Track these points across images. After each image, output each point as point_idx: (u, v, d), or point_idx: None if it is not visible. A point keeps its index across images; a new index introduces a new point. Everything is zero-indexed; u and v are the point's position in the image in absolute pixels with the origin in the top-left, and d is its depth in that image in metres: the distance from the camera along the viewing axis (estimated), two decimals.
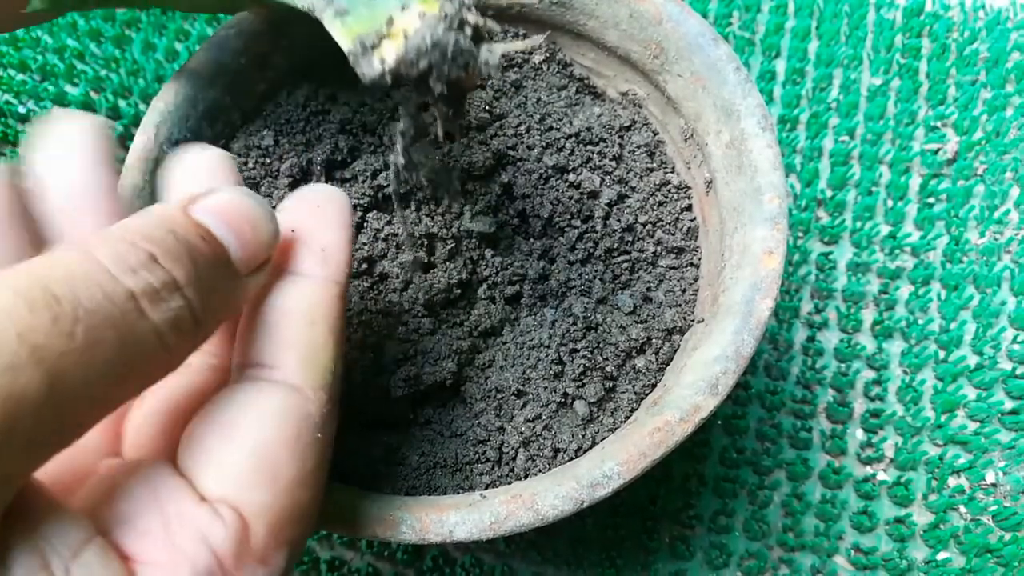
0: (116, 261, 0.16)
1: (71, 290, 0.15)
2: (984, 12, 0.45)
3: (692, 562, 0.37)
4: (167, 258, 0.17)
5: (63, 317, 0.15)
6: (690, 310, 0.30)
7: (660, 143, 0.32)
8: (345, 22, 0.22)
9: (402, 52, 0.20)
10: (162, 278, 0.17)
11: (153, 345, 0.17)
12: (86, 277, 0.16)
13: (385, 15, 0.21)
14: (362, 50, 0.21)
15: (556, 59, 0.33)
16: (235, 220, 0.19)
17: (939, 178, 0.42)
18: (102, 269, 0.16)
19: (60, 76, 0.45)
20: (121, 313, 0.16)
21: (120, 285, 0.16)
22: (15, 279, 0.15)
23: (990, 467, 0.37)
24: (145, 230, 0.17)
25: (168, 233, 0.18)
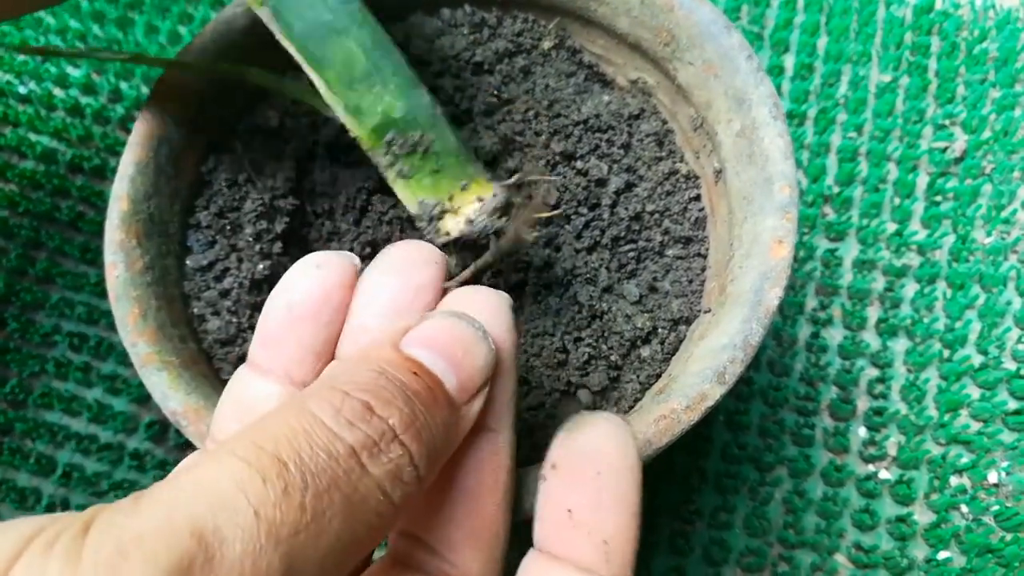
0: (333, 416, 0.16)
1: (296, 453, 0.14)
2: (994, 11, 0.45)
3: (691, 558, 0.36)
4: (381, 405, 0.16)
5: (294, 487, 0.14)
6: (697, 300, 0.29)
7: (669, 132, 0.32)
8: (408, 184, 0.25)
9: (465, 232, 0.25)
10: (379, 428, 0.16)
11: (378, 502, 0.16)
12: (308, 436, 0.15)
13: (447, 190, 0.25)
14: (428, 220, 0.25)
15: (565, 46, 0.33)
16: (447, 348, 0.18)
17: (947, 176, 0.42)
18: (321, 425, 0.15)
19: (62, 57, 0.45)
20: (345, 473, 0.15)
21: (341, 442, 0.15)
22: (242, 447, 0.14)
23: (992, 467, 0.37)
24: (356, 376, 0.17)
25: (380, 376, 0.17)
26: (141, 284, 0.26)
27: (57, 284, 0.40)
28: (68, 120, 0.43)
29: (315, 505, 0.14)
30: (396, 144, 0.25)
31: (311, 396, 0.16)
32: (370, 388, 0.16)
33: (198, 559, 0.13)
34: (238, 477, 0.14)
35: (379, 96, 0.24)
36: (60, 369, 0.39)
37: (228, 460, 0.14)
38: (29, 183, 0.42)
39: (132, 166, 0.27)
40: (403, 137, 0.25)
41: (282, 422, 0.15)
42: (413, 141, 0.25)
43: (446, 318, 0.19)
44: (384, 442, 0.16)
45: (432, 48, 0.32)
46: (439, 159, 0.25)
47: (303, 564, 0.14)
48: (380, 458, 0.16)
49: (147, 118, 0.28)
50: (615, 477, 0.19)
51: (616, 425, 0.20)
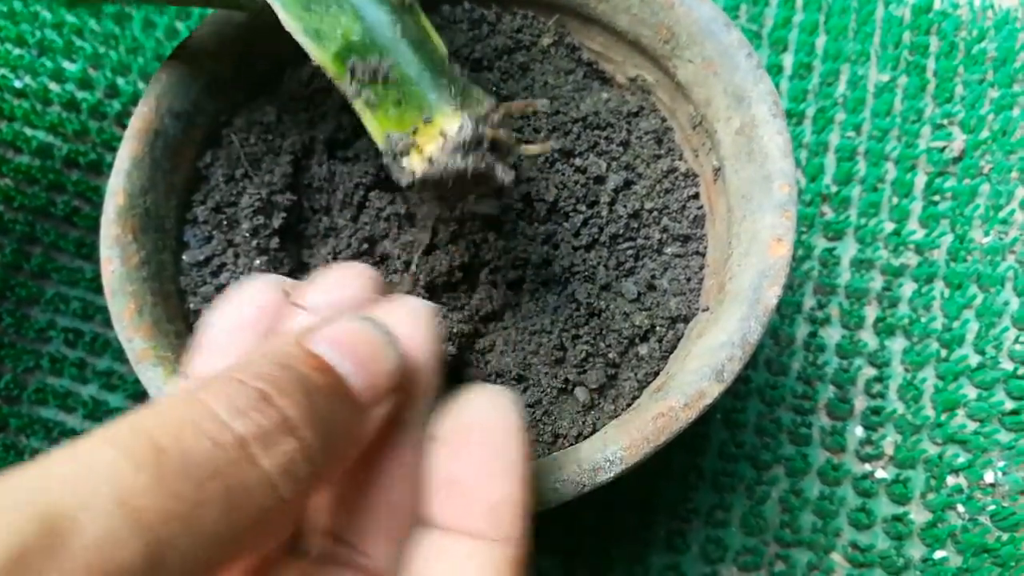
0: (226, 404, 0.15)
1: (177, 440, 0.14)
2: (992, 11, 0.45)
3: (687, 555, 0.36)
4: (280, 396, 0.16)
5: (169, 474, 0.13)
6: (695, 298, 0.29)
7: (668, 130, 0.32)
8: (375, 114, 0.23)
9: (428, 174, 0.22)
10: (275, 418, 0.15)
11: (265, 496, 0.15)
12: (192, 424, 0.14)
13: (411, 123, 0.22)
14: (392, 156, 0.23)
15: (564, 43, 0.33)
16: (353, 348, 0.18)
17: (945, 176, 0.42)
18: (210, 414, 0.15)
19: (58, 52, 0.44)
20: (229, 462, 0.14)
21: (229, 431, 0.15)
22: (118, 432, 0.14)
23: (989, 467, 0.37)
24: (256, 367, 0.16)
25: (280, 368, 0.16)
26: (137, 279, 0.26)
27: (52, 279, 0.40)
28: (64, 115, 0.43)
29: (193, 495, 0.14)
30: (359, 71, 0.22)
31: (205, 386, 0.15)
32: (269, 378, 0.16)
33: (40, 546, 0.12)
34: (107, 461, 0.13)
35: (336, 17, 0.22)
36: (55, 365, 0.39)
37: (101, 444, 0.14)
38: (24, 178, 0.41)
39: (128, 161, 0.27)
40: (364, 63, 0.22)
41: (169, 409, 0.15)
42: (373, 67, 0.22)
43: (353, 320, 0.18)
44: (279, 433, 0.15)
45: None
46: (400, 87, 0.22)
47: (172, 555, 0.13)
48: (273, 450, 0.15)
49: (143, 113, 0.28)
50: (497, 444, 0.19)
51: (496, 394, 0.20)
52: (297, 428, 0.16)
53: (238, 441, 0.15)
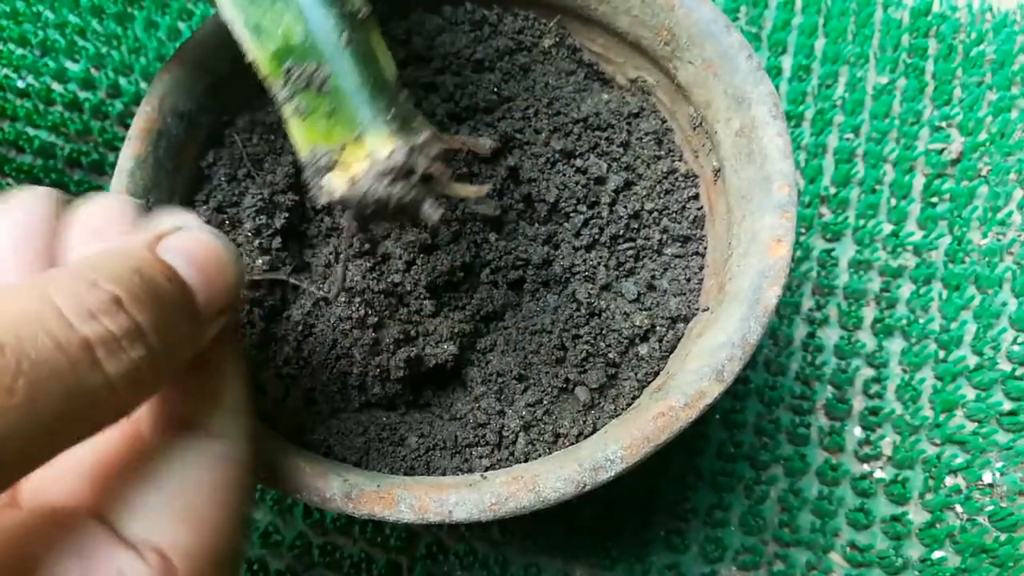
0: (75, 304, 0.15)
1: (17, 338, 0.14)
2: (991, 14, 0.45)
3: (687, 555, 0.36)
4: (132, 302, 0.16)
5: (4, 370, 0.13)
6: (695, 299, 0.30)
7: (668, 131, 0.32)
8: (303, 124, 0.21)
9: (347, 195, 0.21)
10: (125, 326, 0.16)
11: (103, 398, 0.15)
12: (38, 322, 0.14)
13: (339, 137, 0.21)
14: (314, 171, 0.21)
15: (565, 44, 0.33)
16: (202, 261, 0.18)
17: (943, 178, 0.42)
18: (56, 314, 0.15)
19: (61, 52, 0.45)
20: (71, 365, 0.14)
21: (75, 333, 0.15)
22: None
23: (987, 467, 0.37)
24: (109, 268, 0.16)
25: (134, 273, 0.16)
26: None
27: None
28: (66, 115, 0.43)
29: (27, 392, 0.14)
30: (294, 74, 0.21)
31: (54, 281, 0.15)
32: (123, 282, 0.16)
33: None
34: None
35: (280, 14, 0.21)
36: None
37: None
38: (27, 177, 0.42)
39: (131, 160, 0.27)
40: (300, 67, 0.21)
41: (13, 301, 0.15)
42: (310, 73, 0.21)
43: (204, 233, 0.19)
44: (127, 340, 0.16)
45: (433, 45, 0.32)
46: (335, 98, 0.21)
47: (9, 445, 0.14)
48: (119, 356, 0.15)
49: (146, 112, 0.28)
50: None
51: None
52: (145, 336, 0.16)
53: (83, 344, 0.15)
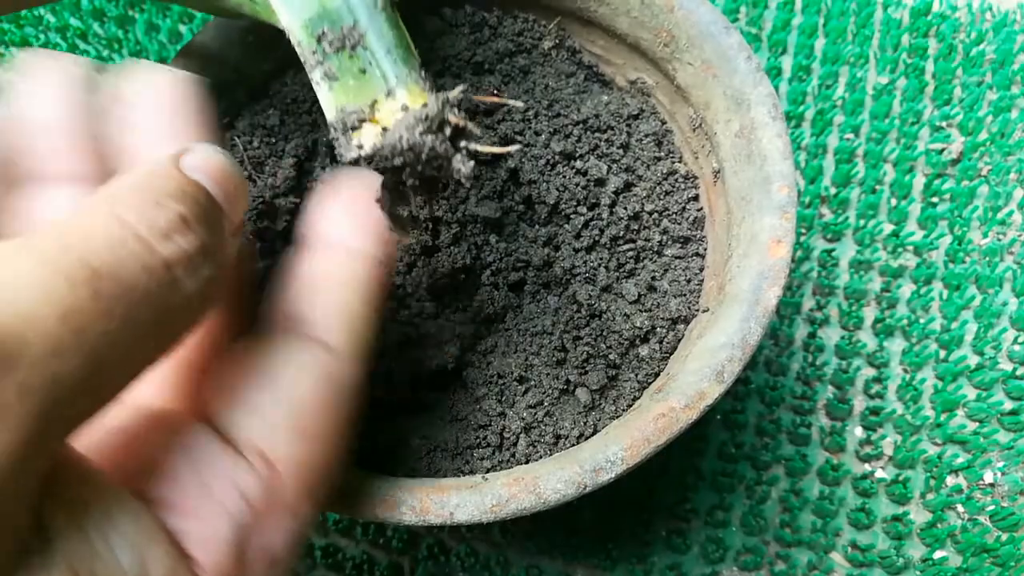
0: (149, 225, 0.15)
1: (109, 263, 0.14)
2: (991, 14, 0.45)
3: (688, 555, 0.36)
4: (196, 220, 0.16)
5: (103, 294, 0.14)
6: (695, 300, 0.30)
7: (668, 132, 0.32)
8: (332, 87, 0.21)
9: (378, 146, 0.20)
10: (196, 243, 0.16)
11: (184, 314, 0.16)
12: (123, 247, 0.15)
13: (371, 95, 0.21)
14: (343, 128, 0.21)
15: (565, 46, 0.33)
16: (224, 181, 0.19)
17: (943, 178, 0.42)
18: (136, 236, 0.15)
19: None
20: (159, 285, 0.15)
21: (156, 255, 0.15)
22: (50, 250, 0.14)
23: (988, 467, 0.37)
24: (162, 188, 0.17)
25: (183, 192, 0.17)
26: None
27: None
28: None
29: (125, 313, 0.14)
30: (327, 39, 0.21)
31: (120, 201, 0.16)
32: (180, 198, 0.16)
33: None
34: (43, 279, 0.14)
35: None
36: None
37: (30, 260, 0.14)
38: None
39: None
40: (335, 31, 0.21)
41: (94, 227, 0.15)
42: (343, 34, 0.21)
43: (217, 152, 0.19)
44: (200, 257, 0.16)
45: (433, 48, 0.32)
46: (368, 57, 0.21)
47: (110, 366, 0.14)
48: (196, 274, 0.16)
49: None
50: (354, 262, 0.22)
51: None
52: (213, 254, 0.17)
53: (165, 264, 0.15)
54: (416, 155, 0.20)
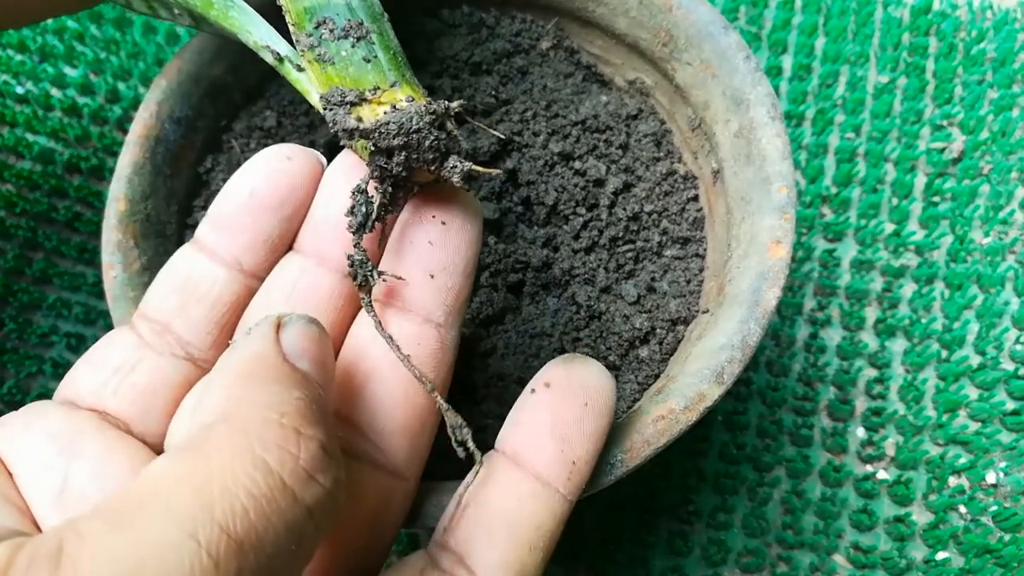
0: (293, 470, 0.15)
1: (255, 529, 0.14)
2: (992, 12, 0.45)
3: (690, 558, 0.36)
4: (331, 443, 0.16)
5: (245, 569, 0.13)
6: (695, 300, 0.29)
7: (667, 132, 0.32)
8: (326, 69, 0.21)
9: (384, 121, 0.20)
10: (333, 476, 0.16)
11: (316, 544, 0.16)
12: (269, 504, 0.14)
13: (372, 82, 0.21)
14: (339, 100, 0.21)
15: (563, 46, 0.33)
16: (320, 358, 0.18)
17: (944, 177, 0.42)
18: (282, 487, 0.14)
19: (59, 57, 0.45)
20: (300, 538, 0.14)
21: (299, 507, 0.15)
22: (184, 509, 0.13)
23: (991, 467, 0.37)
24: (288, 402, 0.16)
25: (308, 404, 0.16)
26: (139, 285, 0.26)
27: (54, 284, 0.40)
28: (65, 120, 0.43)
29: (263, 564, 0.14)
30: (327, 27, 0.21)
31: (256, 435, 0.15)
32: (311, 419, 0.16)
33: None
34: (184, 557, 0.13)
35: None
36: (58, 370, 0.39)
37: (172, 530, 0.13)
38: (26, 183, 0.42)
39: (129, 167, 0.27)
40: (337, 22, 0.21)
41: (233, 477, 0.14)
42: (351, 26, 0.21)
43: (310, 326, 0.18)
44: (336, 489, 0.16)
45: (431, 48, 0.32)
46: (373, 51, 0.21)
47: None
48: (331, 509, 0.15)
49: (144, 118, 0.28)
50: (599, 411, 0.20)
51: (606, 371, 0.22)
52: (341, 470, 0.16)
53: (307, 513, 0.15)
54: (419, 140, 0.20)
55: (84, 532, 0.13)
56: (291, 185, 0.21)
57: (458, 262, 0.21)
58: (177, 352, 0.21)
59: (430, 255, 0.21)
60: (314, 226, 0.21)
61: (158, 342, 0.21)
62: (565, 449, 0.20)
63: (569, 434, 0.20)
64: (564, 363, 0.21)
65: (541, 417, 0.20)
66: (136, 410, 0.20)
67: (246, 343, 0.18)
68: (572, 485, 0.20)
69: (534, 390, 0.21)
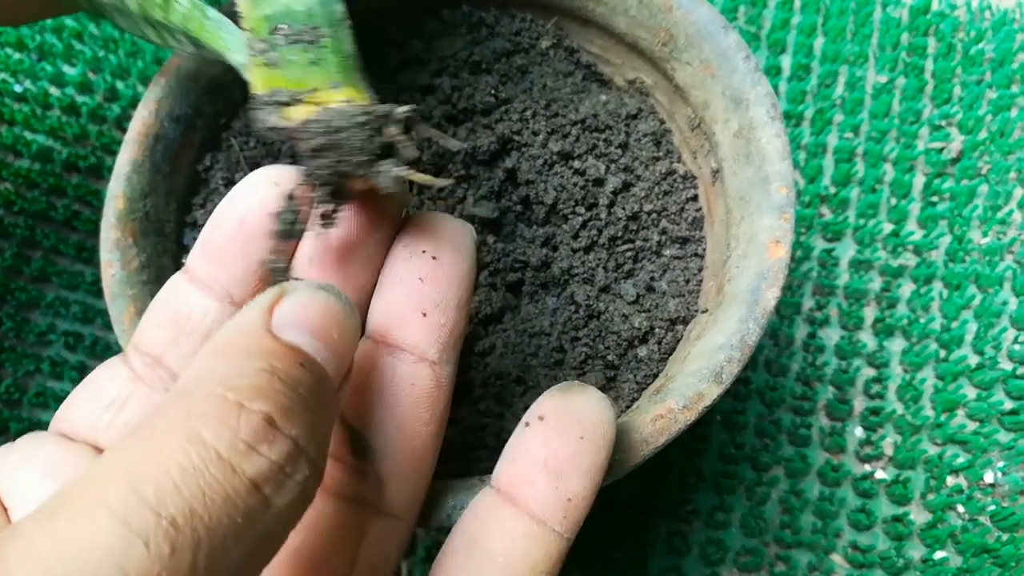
0: (229, 440, 0.14)
1: (187, 504, 0.13)
2: (990, 12, 0.45)
3: (688, 557, 0.36)
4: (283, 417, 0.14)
5: (183, 548, 0.12)
6: (694, 300, 0.29)
7: (666, 132, 0.32)
8: (271, 72, 0.21)
9: (312, 119, 0.19)
10: (285, 450, 0.14)
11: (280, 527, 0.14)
12: (201, 476, 0.13)
13: (314, 83, 0.20)
14: (270, 100, 0.20)
15: (563, 45, 0.33)
16: (323, 328, 0.17)
17: (943, 177, 0.42)
18: (215, 458, 0.13)
19: (58, 56, 0.45)
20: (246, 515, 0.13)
21: (239, 478, 0.13)
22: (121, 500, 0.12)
23: (989, 467, 0.37)
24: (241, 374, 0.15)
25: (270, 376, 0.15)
26: (137, 283, 0.26)
27: (52, 283, 0.40)
28: (64, 119, 0.43)
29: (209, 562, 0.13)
30: (282, 31, 0.20)
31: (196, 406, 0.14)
32: (265, 393, 0.14)
33: None
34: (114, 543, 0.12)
35: None
36: (55, 368, 0.39)
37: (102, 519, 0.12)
38: (24, 182, 0.42)
39: (128, 165, 0.27)
40: (293, 29, 0.20)
41: (166, 455, 0.13)
42: (305, 30, 0.20)
43: (316, 292, 0.17)
44: (290, 466, 0.14)
45: (430, 48, 0.32)
46: (322, 53, 0.20)
47: None
48: (286, 485, 0.14)
49: (143, 116, 0.28)
50: (596, 445, 0.20)
51: (606, 400, 0.21)
52: (304, 450, 0.15)
53: (251, 487, 0.13)
54: (343, 141, 0.19)
55: (18, 531, 0.12)
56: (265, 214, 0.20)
57: (451, 297, 0.21)
58: (169, 386, 0.20)
59: (421, 292, 0.20)
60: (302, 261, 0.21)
61: (150, 375, 0.20)
62: (560, 486, 0.19)
63: (564, 469, 0.19)
64: (559, 393, 0.21)
65: (535, 452, 0.19)
66: None
67: (240, 314, 0.17)
68: (569, 523, 0.19)
69: (528, 423, 0.20)
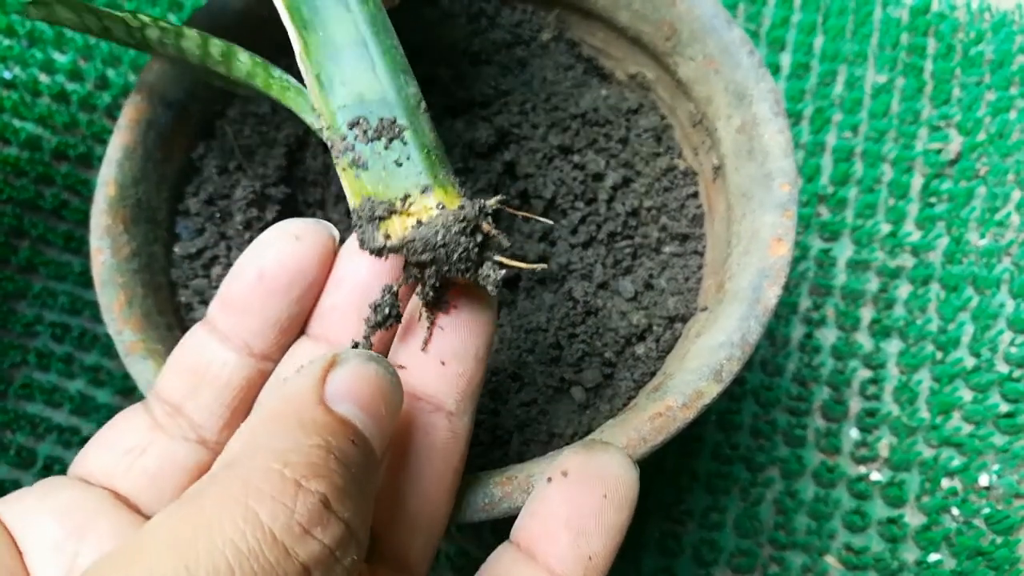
0: (284, 521, 0.14)
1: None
2: (990, 14, 0.45)
3: (681, 558, 0.36)
4: (338, 499, 0.15)
5: None
6: (693, 298, 0.29)
7: (668, 128, 0.32)
8: (359, 175, 0.21)
9: (410, 238, 0.19)
10: (338, 535, 0.14)
11: None
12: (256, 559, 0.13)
13: (402, 189, 0.20)
14: (369, 216, 0.20)
15: (564, 38, 0.32)
16: (372, 403, 0.17)
17: (941, 178, 0.42)
18: (270, 539, 0.13)
19: (48, 42, 0.44)
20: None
21: (292, 562, 0.13)
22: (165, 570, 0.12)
23: (984, 470, 0.37)
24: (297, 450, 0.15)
25: (325, 452, 0.15)
26: (127, 271, 0.26)
27: (40, 273, 0.39)
28: (54, 107, 0.42)
29: None
30: (360, 127, 0.21)
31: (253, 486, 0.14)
32: (321, 472, 0.15)
33: None
34: None
35: (359, 73, 0.21)
36: (42, 360, 0.38)
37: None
38: (12, 170, 0.41)
39: (120, 150, 0.27)
40: (372, 121, 0.21)
41: (218, 532, 0.13)
42: (383, 125, 0.21)
43: (367, 365, 0.17)
44: (341, 549, 0.15)
45: (429, 37, 0.31)
46: (406, 152, 0.21)
47: None
48: (335, 570, 0.14)
49: (136, 102, 0.27)
50: (619, 504, 0.20)
51: (629, 459, 0.21)
52: (356, 534, 0.15)
53: (302, 570, 0.14)
54: (448, 254, 0.19)
55: None
56: (300, 268, 0.20)
57: (470, 347, 0.20)
58: (189, 435, 0.21)
59: (441, 341, 0.20)
60: (323, 314, 0.21)
61: (170, 424, 0.21)
62: (581, 543, 0.19)
63: (586, 527, 0.19)
64: (583, 450, 0.20)
65: (557, 508, 0.19)
66: (147, 493, 0.20)
67: (292, 381, 0.17)
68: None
69: (551, 479, 0.20)
